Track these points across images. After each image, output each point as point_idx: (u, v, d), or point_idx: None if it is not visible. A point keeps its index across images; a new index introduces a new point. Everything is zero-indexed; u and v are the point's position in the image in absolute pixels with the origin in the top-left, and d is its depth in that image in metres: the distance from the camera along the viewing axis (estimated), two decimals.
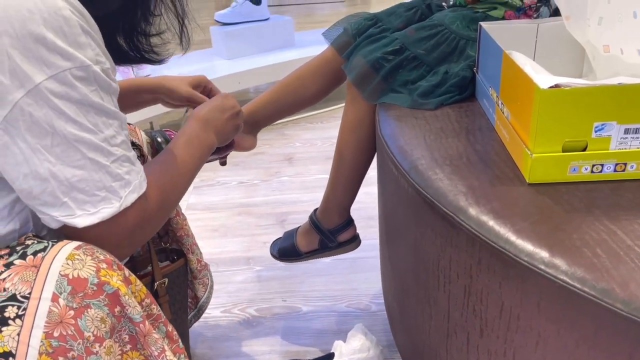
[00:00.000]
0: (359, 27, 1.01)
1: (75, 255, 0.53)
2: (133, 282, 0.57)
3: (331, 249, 1.10)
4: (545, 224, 0.56)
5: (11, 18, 0.51)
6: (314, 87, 1.08)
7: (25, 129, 0.53)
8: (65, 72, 0.53)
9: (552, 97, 0.59)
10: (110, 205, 0.57)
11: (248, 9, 2.10)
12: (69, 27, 0.54)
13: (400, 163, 0.74)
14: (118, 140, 0.58)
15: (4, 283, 0.51)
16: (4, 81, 0.51)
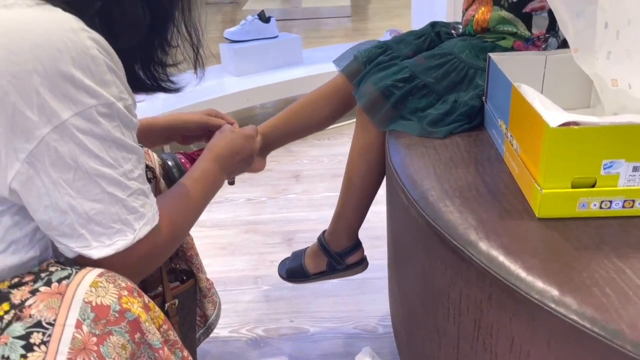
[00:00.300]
0: (369, 55, 1.02)
1: (98, 282, 0.55)
2: (152, 309, 0.59)
3: (339, 271, 1.11)
4: (555, 261, 0.57)
5: (41, 57, 0.53)
6: (324, 112, 1.10)
7: (50, 163, 0.55)
8: (91, 109, 0.55)
9: (561, 135, 0.60)
10: (125, 238, 0.58)
11: (257, 27, 2.13)
12: (96, 66, 0.56)
13: (410, 193, 0.75)
14: (135, 174, 0.60)
15: (29, 309, 0.52)
16: (32, 117, 0.53)
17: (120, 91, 0.58)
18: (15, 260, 0.59)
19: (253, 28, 2.12)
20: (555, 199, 0.63)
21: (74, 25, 0.56)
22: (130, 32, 0.65)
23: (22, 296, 0.54)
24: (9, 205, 0.57)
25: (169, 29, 0.70)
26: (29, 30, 0.54)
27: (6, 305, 0.53)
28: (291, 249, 1.50)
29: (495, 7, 0.96)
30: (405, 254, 0.83)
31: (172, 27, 0.71)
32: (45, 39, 0.54)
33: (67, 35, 0.55)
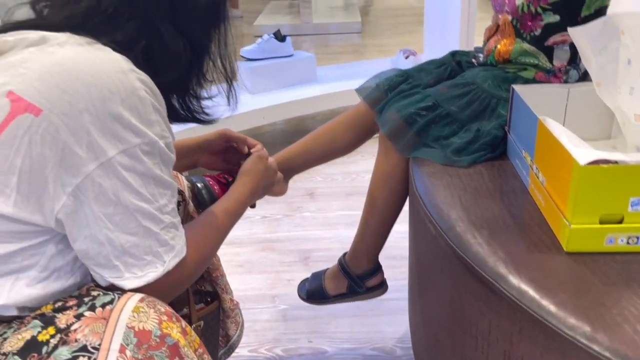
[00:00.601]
0: (390, 83, 1.05)
1: (140, 307, 0.57)
2: (189, 333, 0.61)
3: (359, 294, 1.13)
4: (585, 297, 0.59)
5: (93, 97, 0.56)
6: (346, 139, 1.12)
7: (93, 197, 0.57)
8: (135, 148, 0.58)
9: (591, 173, 0.62)
10: (155, 270, 0.61)
11: (273, 46, 2.16)
12: (143, 106, 0.59)
13: (438, 223, 0.77)
14: (169, 208, 0.63)
15: (75, 334, 0.54)
16: (80, 154, 0.56)
17: (162, 129, 0.61)
18: (58, 286, 0.61)
19: (269, 46, 2.15)
20: (583, 234, 0.65)
21: (124, 66, 0.59)
22: (171, 67, 0.68)
23: (67, 320, 0.56)
24: (53, 235, 0.60)
25: (205, 63, 0.73)
26: (82, 70, 0.57)
27: (52, 329, 0.55)
28: (307, 268, 1.52)
29: (518, 40, 0.98)
30: (430, 280, 0.85)
31: (208, 61, 0.74)
32: (98, 79, 0.57)
33: (118, 76, 0.58)
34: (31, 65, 0.58)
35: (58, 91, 0.56)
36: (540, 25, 0.96)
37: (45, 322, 0.56)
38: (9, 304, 0.58)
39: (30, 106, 0.56)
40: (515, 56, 0.99)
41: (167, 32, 0.65)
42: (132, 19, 0.63)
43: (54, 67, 0.57)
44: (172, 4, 0.65)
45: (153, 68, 0.63)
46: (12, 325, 0.58)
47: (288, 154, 1.13)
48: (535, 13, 0.95)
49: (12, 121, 0.55)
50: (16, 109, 0.56)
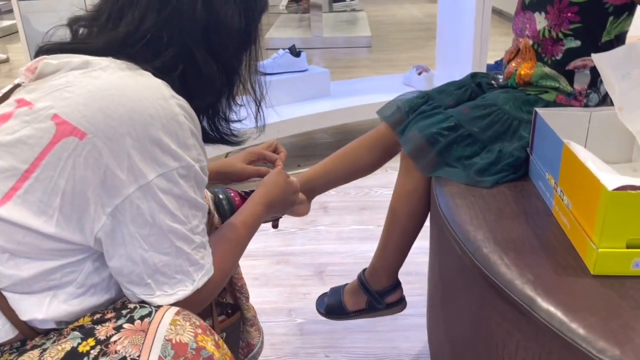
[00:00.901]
0: (411, 105, 1.07)
1: (176, 320, 0.59)
2: (221, 346, 0.63)
3: (378, 310, 1.14)
4: (614, 320, 0.60)
5: (135, 122, 0.58)
6: (367, 159, 1.14)
7: (131, 218, 0.59)
8: (173, 172, 0.60)
9: (618, 199, 0.63)
10: (185, 288, 0.63)
11: (288, 61, 2.19)
12: (182, 131, 0.61)
13: (464, 243, 0.78)
14: (200, 228, 0.65)
15: (115, 345, 0.56)
16: (121, 176, 0.58)
17: (198, 153, 0.64)
18: (94, 301, 0.63)
19: (284, 61, 2.18)
20: (610, 258, 0.66)
21: (165, 92, 0.61)
22: (206, 91, 0.70)
23: (107, 332, 0.58)
24: (91, 253, 0.62)
25: (235, 86, 0.75)
26: (125, 96, 0.59)
27: (92, 341, 0.57)
28: (323, 282, 1.53)
29: (539, 64, 1.00)
30: (454, 298, 0.86)
31: (238, 84, 0.76)
32: (140, 105, 0.59)
33: (159, 102, 0.60)
34: (76, 90, 0.60)
35: (102, 115, 0.58)
36: (562, 50, 0.98)
37: (85, 333, 0.58)
38: (47, 319, 0.60)
39: (75, 130, 0.58)
40: (536, 79, 1.01)
41: (201, 57, 0.67)
42: (169, 46, 0.65)
43: (98, 92, 0.59)
44: (205, 30, 0.67)
45: (188, 92, 0.66)
46: (50, 337, 0.60)
47: (310, 174, 1.15)
48: (557, 38, 0.97)
49: (57, 144, 0.58)
50: (61, 132, 0.58)
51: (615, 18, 0.94)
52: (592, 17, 0.95)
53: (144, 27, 0.65)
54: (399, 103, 1.09)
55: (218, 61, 0.69)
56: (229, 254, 0.73)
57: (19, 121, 0.60)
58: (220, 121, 0.77)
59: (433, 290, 1.00)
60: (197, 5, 0.66)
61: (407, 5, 6.04)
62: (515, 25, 1.06)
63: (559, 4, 0.95)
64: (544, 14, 0.98)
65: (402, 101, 1.09)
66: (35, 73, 0.63)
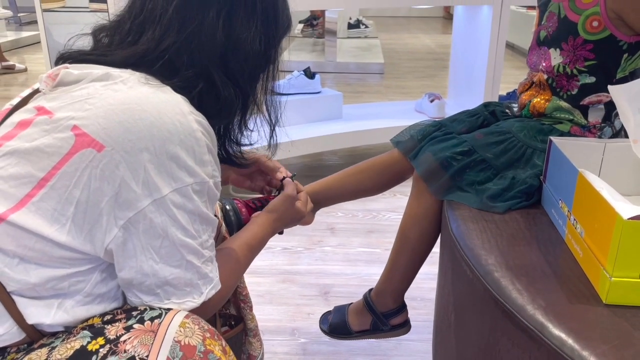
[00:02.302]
0: (424, 133, 1.08)
1: (186, 323, 0.59)
2: (228, 353, 0.63)
3: (383, 332, 1.13)
4: (626, 349, 0.60)
5: (154, 137, 0.59)
6: (376, 181, 1.15)
7: (143, 230, 0.60)
8: (188, 187, 0.61)
9: (633, 228, 0.63)
10: (193, 300, 0.64)
11: (302, 82, 2.22)
12: (199, 147, 0.62)
13: (475, 267, 0.78)
14: (209, 243, 0.65)
15: (124, 345, 0.56)
16: (136, 190, 0.59)
17: (213, 169, 0.64)
18: (100, 309, 0.63)
19: (298, 83, 2.22)
20: (623, 287, 0.66)
21: (184, 108, 0.62)
22: (222, 113, 0.70)
23: (117, 332, 0.58)
24: (99, 263, 0.62)
25: (250, 109, 0.75)
26: (145, 111, 0.60)
27: (101, 340, 0.57)
28: (327, 303, 1.52)
29: (554, 98, 1.01)
30: (463, 323, 0.85)
31: (252, 107, 0.76)
32: (159, 120, 0.60)
33: (178, 117, 0.61)
34: (96, 102, 0.60)
35: (121, 129, 0.59)
36: (577, 86, 0.99)
37: (95, 332, 0.58)
38: (54, 324, 0.60)
39: (93, 142, 0.58)
40: (550, 111, 1.02)
41: (219, 79, 0.67)
42: (188, 66, 0.66)
43: (119, 106, 0.60)
44: (225, 53, 0.67)
45: (204, 112, 0.66)
46: (59, 336, 0.60)
47: (318, 186, 1.16)
48: (571, 74, 0.99)
49: (75, 154, 0.58)
50: (80, 143, 0.59)
51: (630, 55, 0.96)
52: (607, 54, 0.96)
53: (163, 45, 0.65)
54: (412, 131, 1.10)
55: (235, 84, 0.69)
56: (232, 272, 0.74)
57: (38, 129, 0.60)
58: (231, 143, 0.77)
59: (441, 315, 0.99)
60: (218, 28, 0.66)
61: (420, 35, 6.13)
62: (530, 60, 1.08)
63: (573, 41, 0.97)
64: (559, 51, 0.99)
65: (415, 130, 1.10)
66: (56, 80, 0.64)
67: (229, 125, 0.75)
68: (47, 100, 0.63)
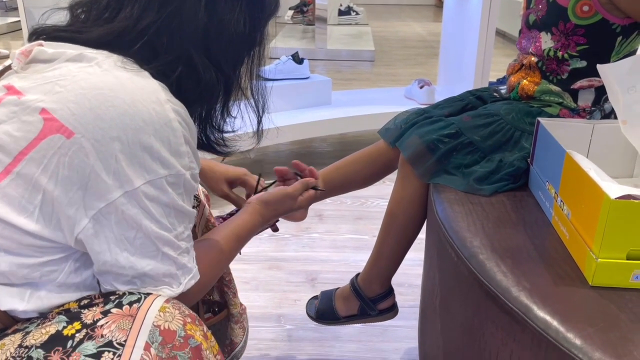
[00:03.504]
0: (407, 121, 1.06)
1: (165, 308, 0.57)
2: (209, 338, 0.61)
3: (370, 316, 1.12)
4: (612, 332, 0.58)
5: (126, 126, 0.56)
6: (364, 173, 1.13)
7: (115, 222, 0.57)
8: (162, 179, 0.58)
9: (621, 208, 0.62)
10: (172, 289, 0.61)
11: (290, 67, 2.19)
12: (175, 138, 0.59)
13: (460, 250, 0.77)
14: (185, 234, 0.63)
15: (101, 330, 0.54)
16: (107, 180, 0.56)
17: (190, 161, 0.61)
18: (76, 297, 0.61)
19: (286, 68, 2.18)
20: (609, 269, 0.65)
21: (161, 96, 0.59)
22: (203, 98, 0.67)
23: (94, 316, 0.56)
24: (72, 252, 0.60)
25: (232, 95, 0.72)
26: (119, 98, 0.57)
27: (78, 324, 0.55)
28: (314, 289, 1.51)
29: (544, 81, 1.00)
30: (448, 307, 0.84)
31: (236, 93, 0.72)
32: (133, 108, 0.57)
33: (153, 106, 0.57)
34: (67, 85, 0.57)
35: (92, 116, 0.56)
36: (567, 70, 0.97)
37: (71, 317, 0.56)
38: (28, 310, 0.58)
39: (62, 127, 0.55)
40: (539, 94, 1.00)
41: (200, 62, 0.65)
42: (168, 48, 0.63)
43: (91, 91, 0.57)
44: (206, 35, 0.64)
45: (184, 96, 0.63)
46: (34, 321, 0.58)
47: None
48: (562, 59, 0.97)
49: (43, 140, 0.55)
50: (48, 128, 0.56)
51: (624, 38, 0.94)
52: (600, 38, 0.94)
53: (142, 24, 0.62)
54: (397, 120, 1.08)
55: (218, 68, 0.66)
56: (214, 262, 0.72)
57: (6, 110, 0.57)
58: (212, 130, 0.74)
59: (427, 299, 0.98)
60: (200, 8, 0.63)
61: (411, 22, 6.10)
62: (520, 43, 1.06)
63: (564, 26, 0.95)
64: (550, 35, 0.97)
65: (400, 119, 1.08)
66: (29, 57, 0.61)
67: (211, 111, 0.72)
68: (19, 78, 0.60)
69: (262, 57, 0.73)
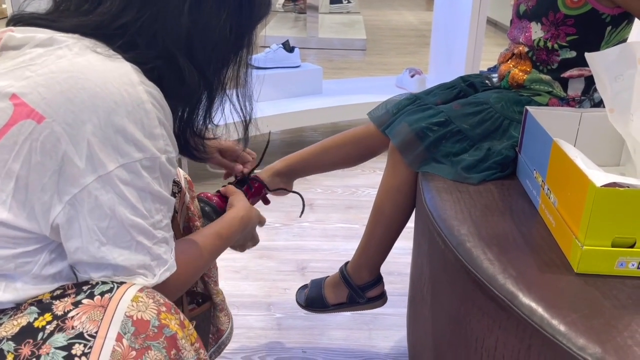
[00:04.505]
0: (399, 107, 1.05)
1: (139, 297, 0.56)
2: (187, 326, 0.61)
3: (359, 304, 1.12)
4: (596, 318, 0.59)
5: (98, 108, 0.55)
6: (351, 154, 1.14)
7: (88, 210, 0.56)
8: (136, 163, 0.57)
9: (607, 195, 0.62)
10: (146, 280, 0.60)
11: (281, 56, 2.17)
12: (148, 120, 0.57)
13: (448, 238, 0.77)
14: (163, 223, 0.61)
15: (72, 321, 0.53)
16: (79, 165, 0.55)
17: (166, 144, 0.60)
18: (53, 287, 0.60)
19: (277, 56, 2.17)
20: (594, 256, 0.65)
21: (133, 78, 0.57)
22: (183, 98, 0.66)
23: (64, 307, 0.55)
24: (47, 242, 0.59)
25: (214, 103, 0.70)
26: (89, 80, 0.55)
27: (49, 316, 0.54)
28: (304, 278, 1.51)
29: (534, 70, 1.00)
30: (435, 294, 0.84)
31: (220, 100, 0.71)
32: (104, 90, 0.55)
33: (125, 87, 0.56)
34: (37, 69, 0.56)
35: (63, 99, 0.55)
36: (557, 60, 0.97)
37: (42, 308, 0.55)
38: (4, 301, 0.57)
39: (33, 112, 0.54)
40: (529, 83, 1.00)
41: (184, 66, 0.63)
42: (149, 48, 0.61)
43: (61, 74, 0.55)
44: (191, 41, 0.62)
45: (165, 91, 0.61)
46: (7, 312, 0.57)
47: (293, 160, 1.14)
48: (552, 49, 0.97)
49: (14, 126, 0.54)
50: (18, 114, 0.54)
51: (614, 28, 0.94)
52: (589, 28, 0.94)
53: (120, 21, 0.60)
54: (387, 105, 1.08)
55: (201, 73, 0.65)
56: (195, 260, 0.70)
57: None
58: (192, 134, 0.73)
59: (415, 287, 0.98)
60: (184, 12, 0.61)
61: (403, 11, 6.07)
62: (511, 33, 1.06)
63: (554, 16, 0.94)
64: (540, 25, 0.97)
65: (390, 104, 1.08)
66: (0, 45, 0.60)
67: (192, 114, 0.70)
68: None
69: (250, 62, 0.72)
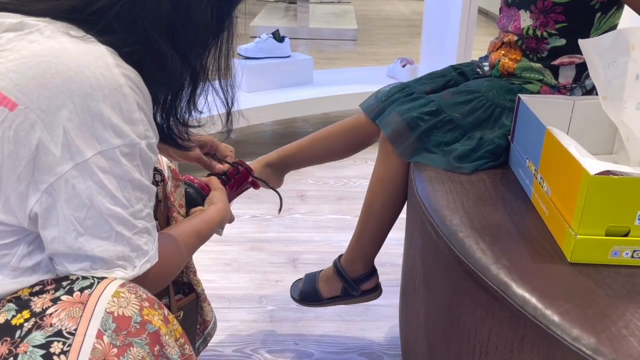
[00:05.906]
0: (389, 96, 1.04)
1: (120, 292, 0.55)
2: (171, 322, 0.59)
3: (354, 297, 1.12)
4: (590, 308, 0.58)
5: (73, 93, 0.52)
6: (343, 145, 1.12)
7: (65, 199, 0.54)
8: (115, 149, 0.55)
9: (600, 184, 0.61)
10: (125, 272, 0.58)
11: (271, 46, 2.15)
12: (126, 104, 0.55)
13: (440, 228, 0.76)
14: (144, 213, 0.59)
15: (50, 318, 0.52)
16: (55, 152, 0.53)
17: (146, 129, 0.58)
18: (33, 280, 0.58)
19: (267, 46, 2.14)
20: (588, 245, 0.64)
21: (109, 61, 0.55)
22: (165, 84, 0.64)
23: (43, 304, 0.53)
24: (24, 234, 0.57)
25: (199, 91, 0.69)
26: (63, 64, 0.53)
27: (27, 313, 0.53)
28: (296, 270, 1.50)
29: (524, 59, 0.98)
30: (428, 285, 0.83)
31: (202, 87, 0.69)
32: (79, 74, 0.53)
33: (101, 71, 0.54)
34: (8, 55, 0.53)
35: (36, 85, 0.52)
36: (546, 48, 0.96)
37: (21, 305, 0.53)
38: None
39: (5, 99, 0.52)
40: (520, 71, 0.99)
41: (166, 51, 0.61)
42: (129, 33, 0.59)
43: (34, 59, 0.53)
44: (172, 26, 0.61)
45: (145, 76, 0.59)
46: None
47: (285, 152, 1.12)
48: (541, 37, 0.95)
49: None
50: None
51: (603, 14, 0.93)
52: (578, 15, 0.93)
53: (94, 7, 0.57)
54: (378, 95, 1.07)
55: (183, 59, 0.63)
56: (173, 256, 0.69)
57: None
58: (176, 122, 0.71)
59: (407, 278, 0.97)
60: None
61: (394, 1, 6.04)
62: (500, 22, 1.05)
63: (542, 4, 0.93)
64: (529, 13, 0.96)
65: (381, 93, 1.07)
66: None
67: (175, 101, 0.68)
68: None
69: (231, 47, 0.70)
